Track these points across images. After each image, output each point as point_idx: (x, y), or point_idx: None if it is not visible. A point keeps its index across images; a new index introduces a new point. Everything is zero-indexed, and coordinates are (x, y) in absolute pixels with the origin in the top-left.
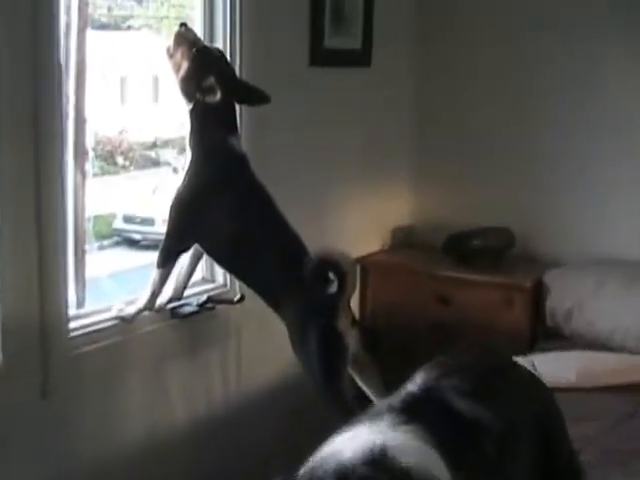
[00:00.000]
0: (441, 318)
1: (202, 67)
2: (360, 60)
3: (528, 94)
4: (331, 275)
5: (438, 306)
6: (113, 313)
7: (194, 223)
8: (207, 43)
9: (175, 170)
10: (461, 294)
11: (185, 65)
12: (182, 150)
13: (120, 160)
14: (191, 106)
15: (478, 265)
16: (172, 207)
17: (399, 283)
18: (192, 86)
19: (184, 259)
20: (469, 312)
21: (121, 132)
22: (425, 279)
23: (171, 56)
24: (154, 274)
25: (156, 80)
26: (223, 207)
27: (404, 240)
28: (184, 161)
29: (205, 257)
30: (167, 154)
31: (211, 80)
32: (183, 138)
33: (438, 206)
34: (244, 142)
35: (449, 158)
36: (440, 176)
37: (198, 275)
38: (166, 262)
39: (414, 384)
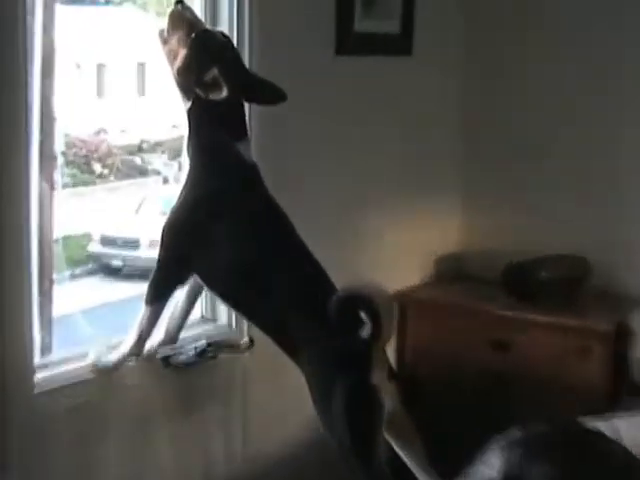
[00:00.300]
0: (498, 369)
1: (203, 56)
2: (399, 47)
3: (599, 94)
4: (362, 315)
5: (494, 354)
6: (89, 362)
7: (193, 250)
8: (209, 26)
9: (166, 180)
10: (523, 339)
11: (182, 53)
12: (175, 155)
13: (97, 167)
14: (190, 104)
15: (545, 303)
16: (165, 229)
17: (446, 324)
18: (191, 80)
19: (179, 294)
20: (533, 362)
21: (98, 133)
22: (478, 320)
23: (165, 42)
24: (142, 312)
25: (142, 68)
26: (228, 230)
27: (451, 271)
28: (177, 169)
29: (205, 292)
30: (156, 160)
31: (214, 72)
32: (175, 140)
33: (493, 229)
34: (254, 149)
35: (506, 170)
36: (495, 192)
37: (196, 314)
38: (157, 298)
39: (491, 468)
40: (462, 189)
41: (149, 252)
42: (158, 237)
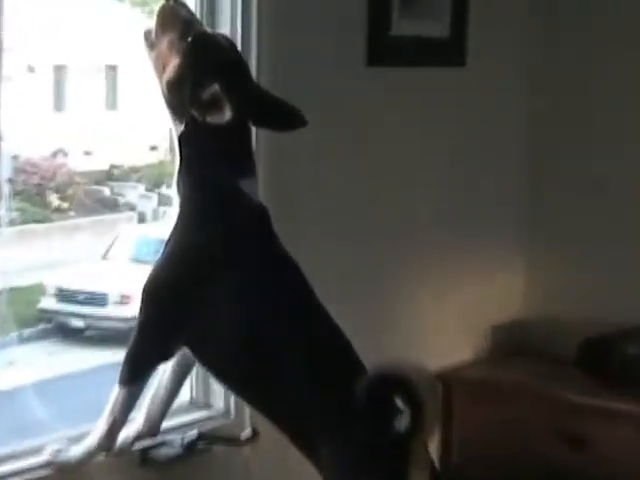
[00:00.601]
0: (570, 469)
1: (201, 67)
2: (449, 56)
3: None
4: (398, 402)
5: (566, 451)
6: (46, 457)
7: (182, 315)
8: (208, 28)
9: (142, 217)
10: (604, 433)
11: (174, 62)
12: (154, 185)
13: (53, 199)
14: (182, 128)
15: (632, 387)
16: (147, 288)
17: (503, 412)
18: (185, 97)
19: (163, 371)
20: (616, 462)
21: (55, 155)
22: (545, 407)
23: (152, 46)
24: (115, 394)
25: (113, 73)
26: (228, 291)
27: (512, 344)
28: (156, 203)
29: (197, 368)
30: (129, 191)
31: (215, 89)
32: (155, 166)
33: (566, 292)
34: (262, 188)
35: (583, 218)
36: (568, 244)
37: (185, 396)
38: (135, 376)
39: None
40: (527, 240)
41: (119, 310)
42: (130, 291)
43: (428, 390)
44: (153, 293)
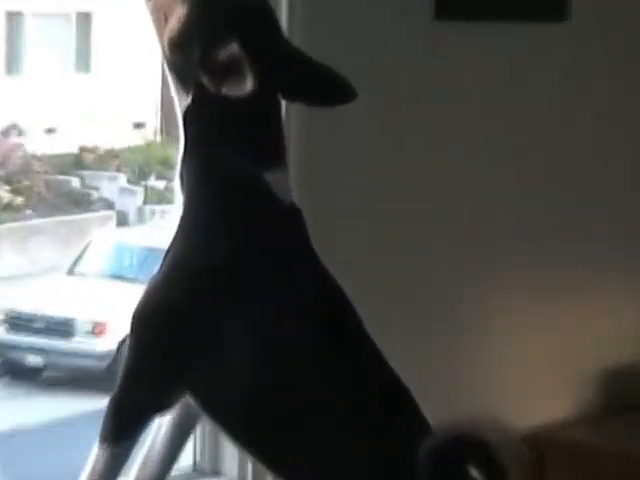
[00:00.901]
0: None
1: (215, 19)
2: (544, 7)
3: None
4: (473, 471)
5: None
6: None
7: (185, 352)
8: None
9: (122, 218)
10: None
11: (180, 13)
12: (139, 175)
13: (4, 193)
14: (189, 101)
15: None
16: (138, 315)
17: None
18: (193, 59)
19: (159, 427)
20: None
21: (7, 132)
22: None
23: None
24: (94, 456)
25: (85, 22)
26: (245, 321)
27: (621, 399)
28: (141, 200)
29: (203, 423)
30: (106, 183)
31: (233, 49)
32: (140, 149)
33: None
34: (295, 184)
35: None
36: None
37: (186, 460)
38: (122, 433)
39: None
40: None
41: (90, 343)
42: (106, 317)
43: (513, 456)
44: (146, 321)
